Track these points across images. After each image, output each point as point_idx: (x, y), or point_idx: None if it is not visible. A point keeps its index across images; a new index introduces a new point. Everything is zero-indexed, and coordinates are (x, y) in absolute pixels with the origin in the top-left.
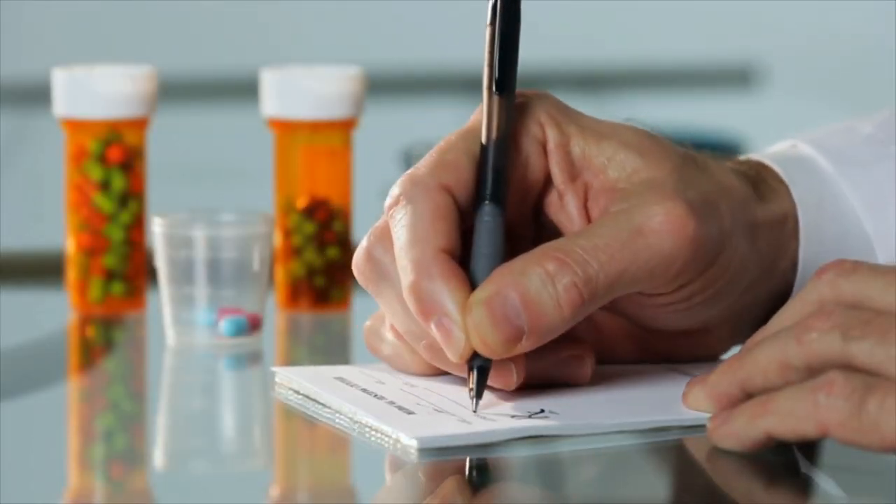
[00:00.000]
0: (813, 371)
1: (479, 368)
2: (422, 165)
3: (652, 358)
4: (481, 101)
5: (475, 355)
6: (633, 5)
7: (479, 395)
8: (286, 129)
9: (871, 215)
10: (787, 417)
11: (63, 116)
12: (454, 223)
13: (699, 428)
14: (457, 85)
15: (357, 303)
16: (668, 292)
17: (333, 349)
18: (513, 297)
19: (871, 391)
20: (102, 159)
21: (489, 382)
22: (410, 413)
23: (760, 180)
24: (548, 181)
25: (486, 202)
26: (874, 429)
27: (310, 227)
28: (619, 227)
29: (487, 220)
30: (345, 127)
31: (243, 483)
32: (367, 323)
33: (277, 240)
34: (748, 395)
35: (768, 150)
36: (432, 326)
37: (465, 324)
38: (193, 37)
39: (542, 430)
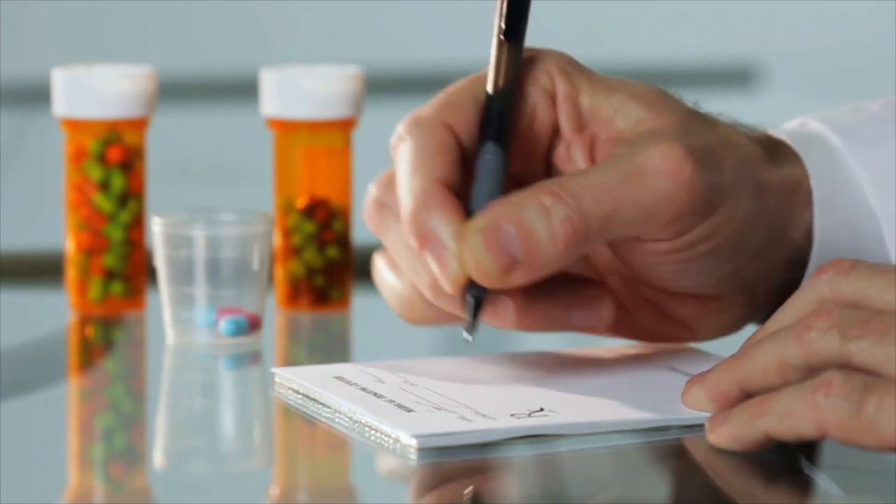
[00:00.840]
0: (812, 370)
1: (475, 299)
2: (427, 105)
3: (672, 330)
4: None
5: (470, 286)
6: (632, 5)
7: (473, 326)
8: (286, 129)
9: (877, 192)
10: (785, 417)
11: (63, 116)
12: (454, 158)
13: (698, 427)
14: None
15: (357, 303)
16: (667, 238)
17: (333, 349)
18: (508, 226)
19: (870, 391)
20: (102, 159)
21: (488, 320)
22: (410, 411)
23: (773, 146)
24: (556, 132)
25: (488, 141)
26: (873, 429)
27: (310, 227)
28: (617, 167)
29: (488, 157)
30: (345, 127)
31: (243, 483)
32: (375, 255)
33: (277, 239)
34: (747, 395)
35: (778, 128)
36: (427, 254)
37: (460, 251)
38: (193, 37)
39: (542, 430)
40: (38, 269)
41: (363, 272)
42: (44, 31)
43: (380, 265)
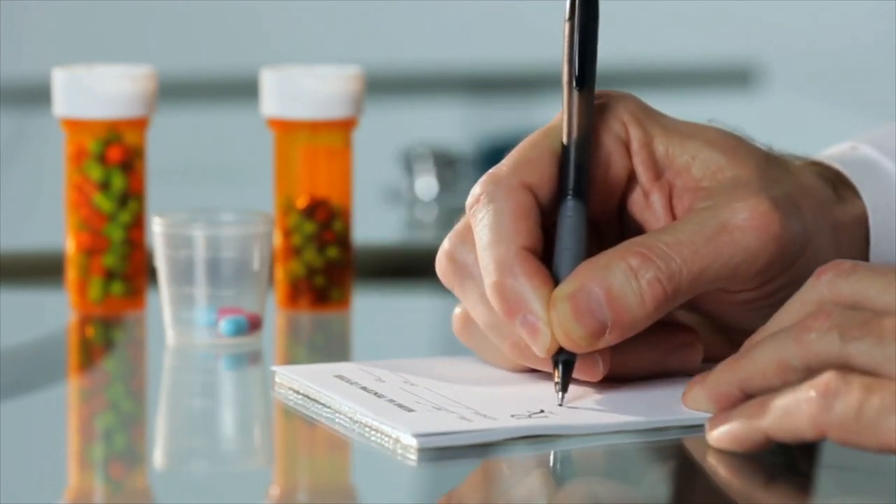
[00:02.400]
0: (812, 371)
1: (565, 363)
2: (503, 164)
3: None
4: (561, 98)
5: (560, 350)
6: (632, 5)
7: (564, 389)
8: (286, 129)
9: None
10: (784, 419)
11: (63, 116)
12: (536, 221)
13: (699, 428)
14: (457, 85)
15: (357, 303)
16: (750, 289)
17: (333, 349)
18: (596, 291)
19: (870, 392)
20: (102, 159)
21: (575, 375)
22: (410, 411)
23: (836, 182)
24: (631, 180)
25: (569, 197)
26: (872, 430)
27: (310, 227)
28: (704, 224)
29: (570, 215)
30: (345, 127)
31: (243, 483)
32: (457, 311)
33: (277, 239)
34: (747, 396)
35: (827, 152)
36: (517, 324)
37: (550, 319)
38: (193, 37)
39: (542, 430)
40: (38, 269)
41: (363, 272)
42: (44, 31)
43: (466, 323)
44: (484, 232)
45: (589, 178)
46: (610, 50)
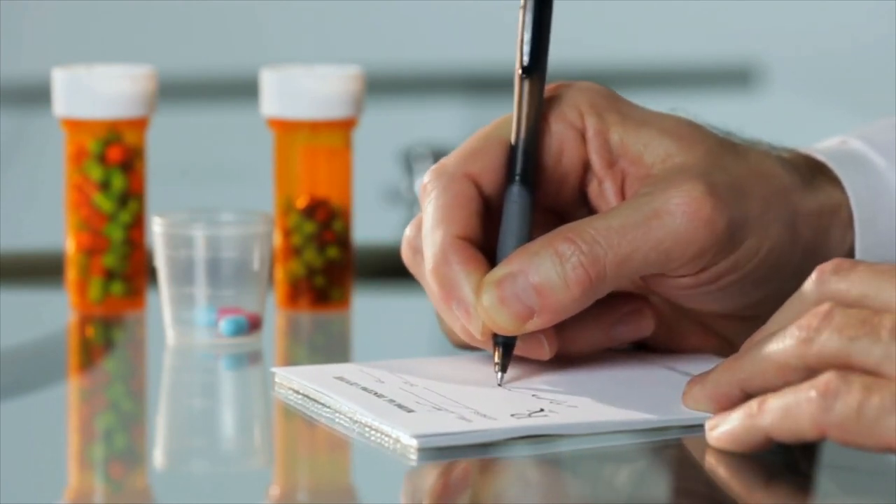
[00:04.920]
0: (811, 371)
1: (503, 345)
2: (451, 155)
3: (715, 345)
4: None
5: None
6: (633, 5)
7: (503, 370)
8: (286, 129)
9: None
10: (784, 419)
11: (63, 116)
12: (474, 210)
13: (699, 428)
14: (457, 85)
15: (357, 303)
16: (690, 274)
17: (333, 349)
18: (522, 277)
19: (870, 392)
20: (102, 159)
21: (523, 354)
22: (410, 411)
23: (810, 171)
24: (587, 169)
25: (514, 184)
26: (872, 429)
27: (310, 227)
28: (637, 209)
29: (515, 201)
30: (345, 127)
31: (243, 483)
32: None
33: (277, 239)
34: (747, 395)
35: (817, 145)
36: (454, 308)
37: (477, 304)
38: (193, 37)
39: (541, 430)
40: (38, 269)
41: (363, 272)
42: (44, 31)
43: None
44: (426, 220)
45: (538, 166)
46: (610, 50)
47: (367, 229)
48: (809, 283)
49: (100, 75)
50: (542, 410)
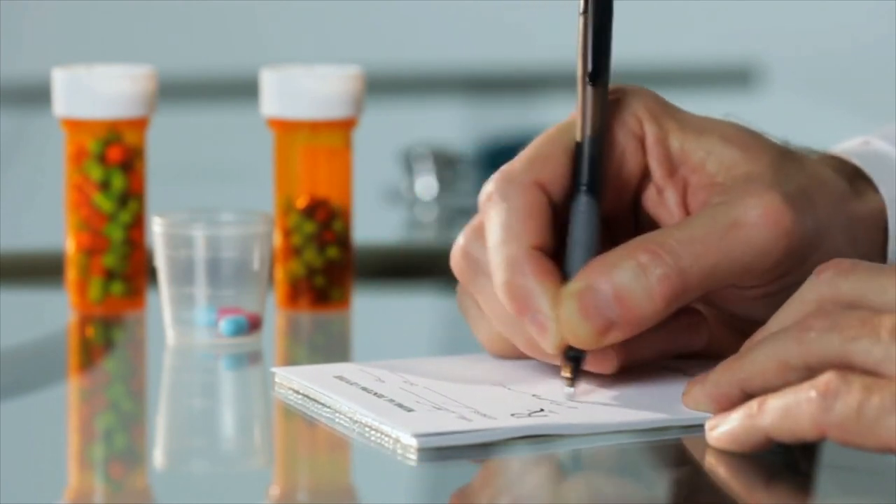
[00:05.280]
0: (812, 371)
1: (574, 359)
2: (516, 161)
3: None
4: (575, 95)
5: (570, 346)
6: (633, 5)
7: (574, 385)
8: (286, 129)
9: None
10: (784, 419)
11: (63, 116)
12: (546, 219)
13: (699, 428)
14: (457, 85)
15: (357, 303)
16: (762, 285)
17: (333, 349)
18: (604, 288)
19: (870, 392)
20: (102, 159)
21: (589, 369)
22: (410, 410)
23: (853, 177)
24: (646, 176)
25: (581, 193)
26: (872, 430)
27: (310, 227)
28: (716, 220)
29: (582, 210)
30: (345, 127)
31: (243, 483)
32: (460, 294)
33: (277, 239)
34: (748, 396)
35: (840, 147)
36: (527, 322)
37: (557, 317)
38: (193, 37)
39: (542, 430)
40: (38, 269)
41: (363, 272)
42: (44, 31)
43: (468, 303)
44: (495, 230)
45: (603, 174)
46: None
47: (367, 229)
48: (809, 284)
49: (100, 75)
50: (542, 410)
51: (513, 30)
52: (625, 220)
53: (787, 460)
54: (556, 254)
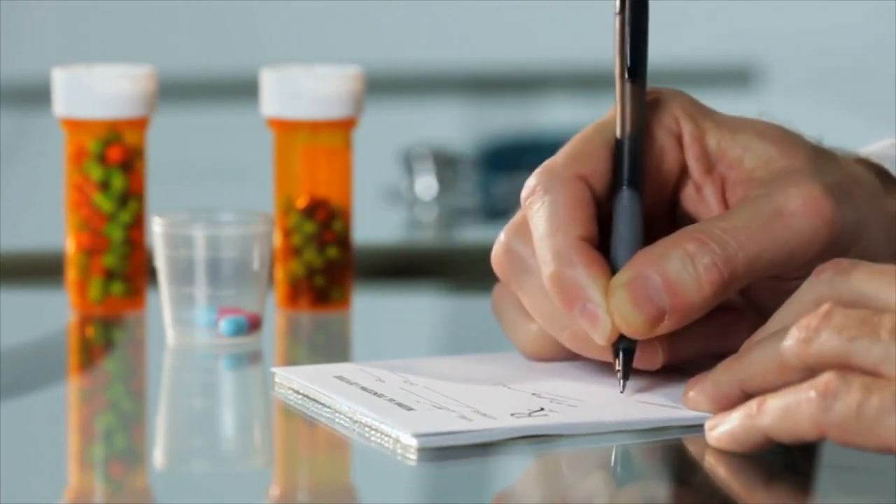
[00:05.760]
0: (811, 371)
1: (625, 350)
2: (558, 156)
3: None
4: (614, 91)
5: (620, 338)
6: None
7: (625, 377)
8: (286, 129)
9: None
10: (784, 419)
11: (63, 116)
12: (591, 211)
13: (698, 427)
14: (457, 85)
15: (357, 303)
16: (805, 276)
17: (333, 349)
18: (654, 278)
19: (869, 392)
20: (102, 159)
21: (635, 364)
22: (410, 410)
23: (882, 176)
24: (683, 174)
25: (624, 187)
26: (872, 430)
27: (310, 227)
28: (759, 209)
29: (626, 204)
30: (345, 127)
31: (243, 483)
32: (496, 292)
33: (277, 239)
34: (747, 396)
35: (866, 149)
36: (577, 313)
37: (609, 307)
38: (193, 37)
39: (542, 430)
40: (38, 269)
41: (363, 272)
42: (44, 31)
43: (505, 305)
44: (540, 223)
45: (643, 170)
46: (611, 51)
47: (367, 229)
48: (809, 284)
49: (100, 75)
50: (542, 410)
51: (513, 30)
52: (663, 219)
53: (787, 460)
54: (601, 249)
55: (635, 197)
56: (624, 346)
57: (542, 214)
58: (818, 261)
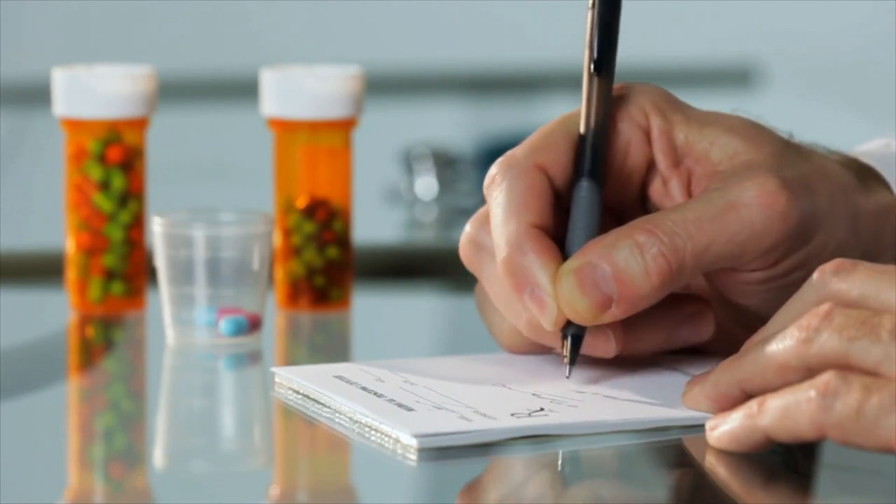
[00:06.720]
0: (811, 371)
1: (573, 337)
2: (519, 147)
3: None
4: (580, 87)
5: (569, 325)
6: (633, 5)
7: (572, 362)
8: (286, 129)
9: None
10: (784, 419)
11: (63, 116)
12: (547, 200)
13: (698, 427)
14: (457, 85)
15: (357, 303)
16: (762, 268)
17: (333, 349)
18: (602, 266)
19: (869, 392)
20: (102, 159)
21: (588, 352)
22: (410, 410)
23: (863, 173)
24: (652, 167)
25: (583, 178)
26: (872, 429)
27: (310, 227)
28: (712, 202)
29: (584, 195)
30: (345, 127)
31: (243, 483)
32: (477, 288)
33: (277, 239)
34: (748, 396)
35: (860, 148)
36: (525, 298)
37: (556, 292)
38: (193, 37)
39: (542, 430)
40: (38, 269)
41: (363, 272)
42: (44, 31)
43: (485, 300)
44: (497, 210)
45: (606, 163)
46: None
47: (367, 229)
48: (810, 284)
49: (100, 75)
50: (542, 410)
51: (513, 30)
52: (633, 212)
53: (787, 460)
54: (557, 238)
55: (594, 188)
56: (572, 333)
57: (498, 202)
58: (773, 252)
